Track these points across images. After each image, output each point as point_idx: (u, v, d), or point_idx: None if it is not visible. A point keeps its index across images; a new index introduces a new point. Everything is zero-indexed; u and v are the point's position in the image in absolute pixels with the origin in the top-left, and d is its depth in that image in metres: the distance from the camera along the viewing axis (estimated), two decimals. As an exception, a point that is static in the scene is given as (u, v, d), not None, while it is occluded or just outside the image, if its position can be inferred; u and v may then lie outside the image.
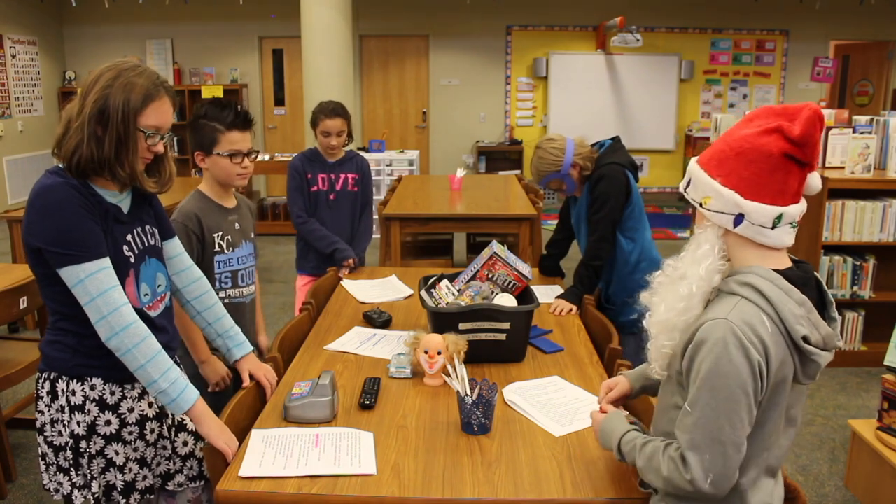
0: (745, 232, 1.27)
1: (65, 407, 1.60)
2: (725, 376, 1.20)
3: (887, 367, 2.68)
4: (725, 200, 1.27)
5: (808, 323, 1.22)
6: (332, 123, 3.20)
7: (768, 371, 1.21)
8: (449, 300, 2.30)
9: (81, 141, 1.48)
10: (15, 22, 8.34)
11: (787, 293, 1.22)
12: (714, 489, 1.23)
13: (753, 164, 1.25)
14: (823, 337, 1.23)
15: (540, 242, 4.77)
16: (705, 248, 1.32)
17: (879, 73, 9.60)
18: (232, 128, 2.17)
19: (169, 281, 1.77)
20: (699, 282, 1.30)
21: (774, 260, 1.29)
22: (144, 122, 1.53)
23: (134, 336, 1.52)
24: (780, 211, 1.25)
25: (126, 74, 1.51)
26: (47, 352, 1.62)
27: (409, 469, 1.54)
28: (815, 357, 1.23)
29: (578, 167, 2.72)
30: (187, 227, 2.15)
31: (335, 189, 3.33)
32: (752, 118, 1.30)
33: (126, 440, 1.64)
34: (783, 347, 1.22)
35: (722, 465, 1.22)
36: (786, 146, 1.23)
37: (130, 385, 1.65)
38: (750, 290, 1.24)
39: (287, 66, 9.40)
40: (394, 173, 7.28)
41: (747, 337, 1.20)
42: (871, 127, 3.99)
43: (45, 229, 1.47)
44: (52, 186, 1.49)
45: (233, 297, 2.28)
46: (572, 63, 9.29)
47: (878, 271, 3.95)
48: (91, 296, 1.49)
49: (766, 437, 1.28)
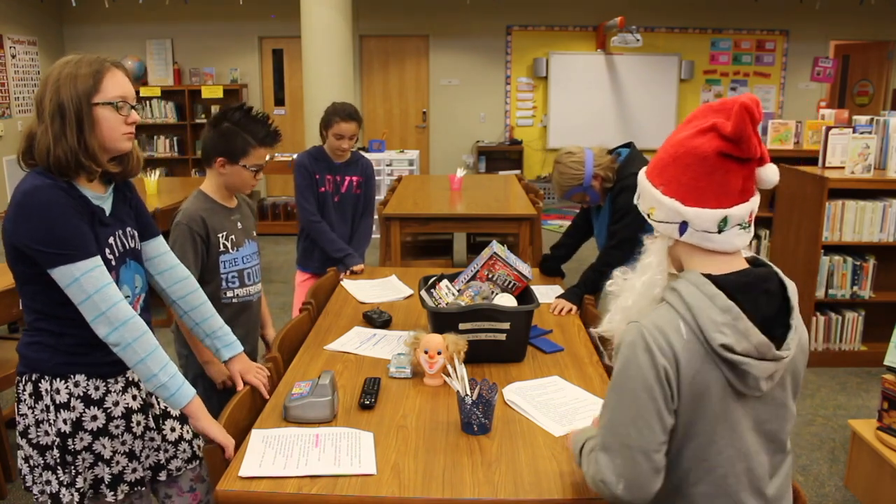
0: (690, 239, 1.23)
1: (50, 406, 1.60)
2: (631, 379, 1.19)
3: (887, 367, 2.68)
4: (667, 209, 1.23)
5: (733, 331, 1.15)
6: (347, 127, 3.16)
7: (679, 379, 1.17)
8: (449, 300, 2.30)
9: (49, 143, 1.49)
10: (15, 22, 8.34)
11: (711, 299, 1.17)
12: (628, 495, 1.21)
13: (690, 169, 1.21)
14: (755, 345, 1.16)
15: (540, 242, 4.77)
16: (647, 261, 1.30)
17: (879, 73, 9.61)
18: (264, 144, 2.18)
19: (145, 282, 1.77)
20: (636, 295, 1.29)
21: (725, 264, 1.23)
22: (105, 96, 1.52)
23: (134, 330, 1.53)
24: (723, 214, 1.19)
25: (68, 67, 1.52)
26: (26, 353, 1.61)
27: (409, 469, 1.54)
28: (745, 367, 1.16)
29: (600, 178, 2.70)
30: (192, 228, 2.15)
31: (340, 191, 3.31)
32: (692, 118, 1.25)
33: (113, 434, 1.65)
34: (700, 356, 1.17)
35: (632, 472, 1.20)
36: (720, 145, 1.18)
37: (114, 379, 1.66)
38: (674, 295, 1.22)
39: (287, 66, 9.40)
40: (394, 173, 7.29)
41: (655, 341, 1.17)
42: (871, 127, 3.99)
43: (35, 229, 1.47)
44: (41, 187, 1.49)
45: (241, 297, 2.29)
46: (572, 63, 9.29)
47: (878, 271, 3.95)
48: (87, 293, 1.49)
49: (709, 452, 1.22)
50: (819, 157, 4.08)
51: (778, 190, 4.35)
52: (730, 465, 1.22)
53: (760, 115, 1.17)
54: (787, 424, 1.28)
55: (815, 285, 3.90)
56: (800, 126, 5.20)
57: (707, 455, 1.22)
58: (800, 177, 4.04)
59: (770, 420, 1.25)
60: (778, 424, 1.26)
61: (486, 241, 4.07)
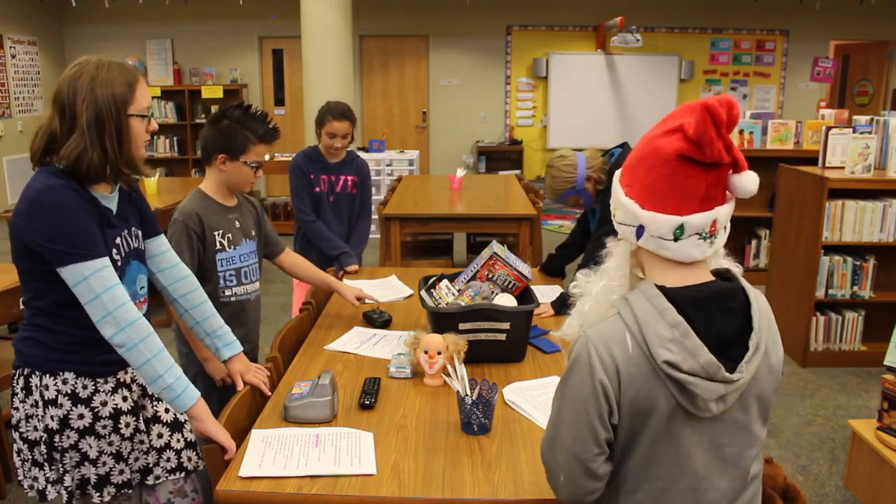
0: (647, 245, 1.17)
1: (39, 402, 1.61)
2: (572, 387, 1.20)
3: (887, 367, 2.68)
4: (626, 211, 1.19)
5: (680, 348, 1.10)
6: (339, 126, 3.18)
7: (619, 393, 1.14)
8: (449, 300, 2.30)
9: (85, 149, 1.49)
10: (15, 22, 8.34)
11: (661, 313, 1.11)
12: (568, 489, 1.23)
13: (654, 170, 1.14)
14: (703, 365, 1.10)
15: (540, 242, 4.77)
16: (606, 265, 1.27)
17: (879, 73, 9.61)
18: (263, 141, 2.21)
19: (147, 283, 1.78)
20: (593, 301, 1.26)
21: (686, 275, 1.17)
22: (137, 107, 1.56)
23: (140, 331, 1.54)
24: (679, 221, 1.12)
25: (100, 73, 1.52)
26: (21, 348, 1.63)
27: (409, 469, 1.54)
28: (691, 386, 1.11)
29: (593, 180, 2.70)
30: (188, 225, 2.16)
31: (335, 191, 3.32)
32: (668, 117, 1.18)
33: (100, 434, 1.65)
34: (644, 371, 1.13)
35: (570, 469, 1.21)
36: (682, 147, 1.11)
37: (103, 379, 1.66)
38: (625, 306, 1.18)
39: (287, 66, 9.40)
40: (394, 173, 7.28)
41: (599, 355, 1.15)
42: (871, 127, 3.99)
43: (48, 227, 1.48)
44: (55, 187, 1.50)
45: (239, 295, 2.29)
46: (572, 63, 9.29)
47: (878, 271, 3.95)
48: (95, 293, 1.50)
49: (649, 463, 1.18)
50: (819, 157, 4.08)
51: (778, 190, 4.36)
52: (671, 480, 1.18)
53: (732, 117, 1.09)
54: (750, 450, 1.22)
55: (815, 285, 3.90)
56: (800, 126, 5.20)
57: (648, 466, 1.19)
58: (800, 177, 4.04)
59: (730, 444, 1.19)
60: (738, 449, 1.20)
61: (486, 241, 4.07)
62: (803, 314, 3.96)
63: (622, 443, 1.20)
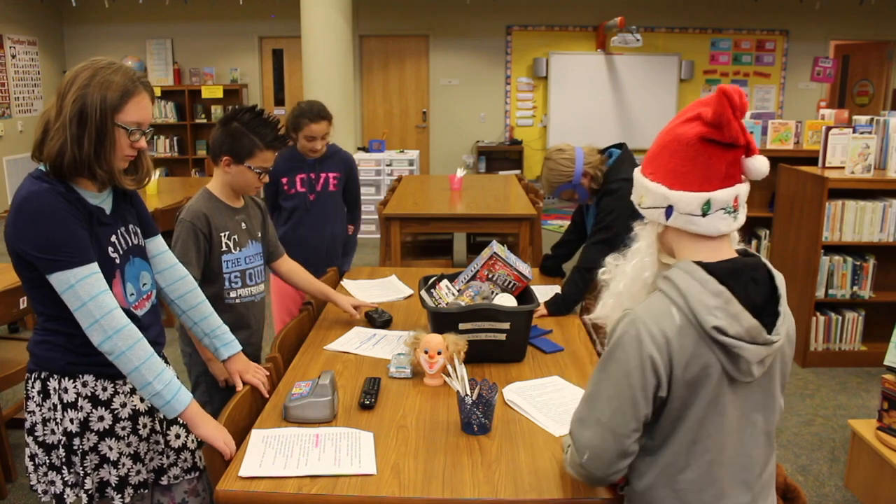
0: (676, 223, 1.27)
1: (57, 405, 1.60)
2: (615, 361, 1.24)
3: (887, 367, 2.68)
4: (654, 195, 1.28)
5: (725, 314, 1.19)
6: (317, 128, 2.99)
7: (671, 365, 1.20)
8: (449, 300, 2.30)
9: (64, 143, 1.48)
10: (15, 22, 8.34)
11: (703, 284, 1.20)
12: (589, 468, 1.26)
13: (677, 155, 1.25)
14: (746, 329, 1.19)
15: (540, 242, 4.77)
16: (637, 245, 1.35)
17: (879, 73, 9.60)
18: (270, 147, 2.18)
19: (153, 280, 1.77)
20: (626, 279, 1.33)
21: (713, 251, 1.26)
22: (124, 118, 1.53)
23: (127, 338, 1.52)
24: (706, 197, 1.23)
25: (102, 73, 1.50)
26: (36, 351, 1.62)
27: (409, 469, 1.54)
28: (737, 350, 1.19)
29: (590, 176, 2.70)
30: (195, 225, 2.15)
31: (315, 190, 3.14)
32: (682, 112, 1.30)
33: (119, 435, 1.65)
34: (695, 340, 1.20)
35: (599, 446, 1.24)
36: (702, 130, 1.22)
37: (122, 381, 1.66)
38: (666, 283, 1.25)
39: (287, 66, 9.40)
40: (394, 173, 7.28)
41: (647, 329, 1.21)
42: (871, 127, 3.99)
43: (33, 235, 1.47)
44: (39, 192, 1.48)
45: (244, 297, 2.29)
46: (572, 63, 9.29)
47: (878, 271, 3.95)
48: (82, 300, 1.49)
49: (699, 435, 1.24)
50: (819, 157, 4.08)
51: (778, 190, 4.35)
52: (717, 451, 1.24)
53: (744, 103, 1.21)
54: (773, 415, 1.30)
55: (815, 285, 3.90)
56: (800, 126, 5.19)
57: (695, 440, 1.25)
58: (800, 177, 4.04)
59: (757, 409, 1.27)
60: (765, 415, 1.29)
61: (486, 241, 4.07)
62: (803, 314, 3.96)
63: (672, 417, 1.24)
